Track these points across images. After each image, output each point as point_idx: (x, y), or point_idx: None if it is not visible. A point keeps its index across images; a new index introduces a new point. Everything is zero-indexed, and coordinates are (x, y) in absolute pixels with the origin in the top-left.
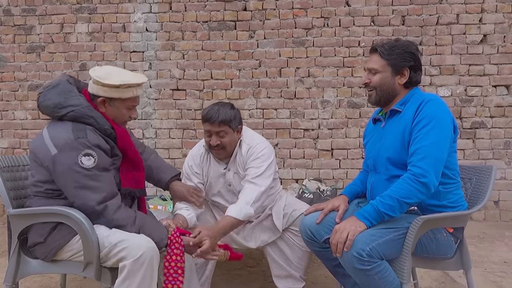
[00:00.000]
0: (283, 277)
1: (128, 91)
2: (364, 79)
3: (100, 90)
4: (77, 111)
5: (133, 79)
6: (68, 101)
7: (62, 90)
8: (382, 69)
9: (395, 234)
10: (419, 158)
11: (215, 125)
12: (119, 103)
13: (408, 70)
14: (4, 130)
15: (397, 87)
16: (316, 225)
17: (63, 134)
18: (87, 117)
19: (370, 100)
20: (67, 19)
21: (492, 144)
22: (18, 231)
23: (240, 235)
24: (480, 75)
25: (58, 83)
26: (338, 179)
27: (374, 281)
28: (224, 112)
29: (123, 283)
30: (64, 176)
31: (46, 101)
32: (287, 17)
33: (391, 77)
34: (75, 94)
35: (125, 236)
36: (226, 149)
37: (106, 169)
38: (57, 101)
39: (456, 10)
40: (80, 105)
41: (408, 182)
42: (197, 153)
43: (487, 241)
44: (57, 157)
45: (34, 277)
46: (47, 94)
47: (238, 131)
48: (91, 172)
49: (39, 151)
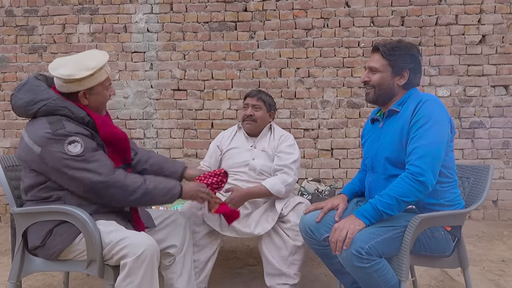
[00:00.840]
0: (275, 275)
1: (102, 73)
2: (364, 77)
3: (76, 86)
4: (48, 105)
5: (100, 60)
6: (38, 96)
7: (30, 87)
8: (383, 69)
9: (394, 232)
10: (416, 157)
11: (254, 99)
12: (98, 87)
13: (408, 72)
14: (6, 130)
15: (395, 87)
16: (316, 224)
17: (40, 131)
18: (60, 108)
19: (368, 98)
20: (69, 19)
21: (491, 144)
22: (22, 229)
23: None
24: (479, 75)
25: (26, 81)
26: (338, 179)
27: (373, 278)
28: (264, 94)
29: (124, 281)
30: (56, 170)
31: (17, 102)
32: (287, 18)
33: (391, 78)
34: (44, 88)
35: (126, 234)
36: (257, 122)
37: (95, 148)
38: (28, 99)
39: (455, 11)
40: (50, 98)
41: (406, 181)
42: (229, 130)
43: (485, 240)
44: (43, 154)
45: (37, 276)
46: (17, 95)
47: (270, 115)
48: (84, 156)
49: (24, 155)
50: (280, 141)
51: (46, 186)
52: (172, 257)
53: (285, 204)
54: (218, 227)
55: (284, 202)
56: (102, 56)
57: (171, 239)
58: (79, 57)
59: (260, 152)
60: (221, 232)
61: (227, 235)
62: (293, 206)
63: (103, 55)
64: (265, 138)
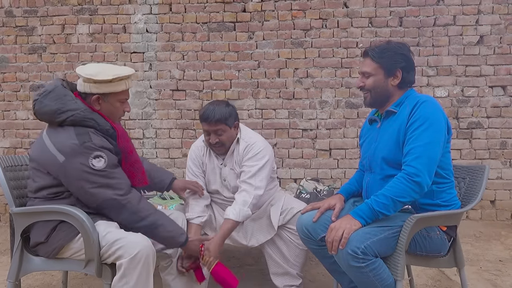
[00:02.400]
0: (280, 274)
1: (121, 84)
2: (359, 82)
3: (93, 87)
4: (77, 115)
5: (124, 72)
6: (66, 106)
7: (58, 95)
8: (375, 72)
9: (389, 232)
10: (413, 158)
11: (212, 124)
12: (113, 97)
13: (400, 71)
14: (6, 130)
15: (390, 88)
16: (313, 224)
17: (67, 141)
18: (88, 119)
19: (366, 102)
20: (68, 20)
21: (489, 144)
22: (21, 229)
23: (240, 233)
24: (477, 76)
25: (53, 88)
26: (336, 179)
27: (368, 278)
28: (219, 110)
29: (120, 281)
30: (78, 181)
31: (43, 108)
32: (285, 19)
33: (384, 79)
34: (71, 98)
35: (122, 235)
36: (225, 145)
37: (116, 165)
38: (55, 107)
39: (453, 11)
40: (79, 108)
41: (402, 181)
42: (198, 146)
43: (483, 240)
44: (66, 164)
45: (36, 275)
46: (43, 101)
47: (235, 127)
48: (105, 172)
49: (43, 160)
50: (245, 152)
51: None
52: (169, 258)
53: (281, 214)
54: (214, 233)
55: (280, 208)
56: (127, 70)
57: None
58: (109, 65)
59: (229, 171)
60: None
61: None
62: (292, 215)
63: (129, 70)
64: (232, 155)
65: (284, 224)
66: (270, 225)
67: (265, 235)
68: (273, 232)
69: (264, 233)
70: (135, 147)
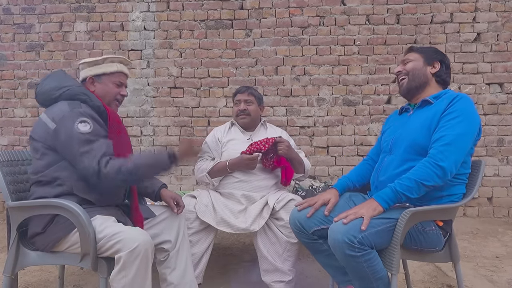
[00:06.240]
0: (271, 271)
1: (111, 65)
2: (398, 68)
3: (87, 71)
4: (71, 89)
5: (114, 55)
6: (62, 83)
7: (58, 76)
8: (415, 58)
9: (387, 225)
10: (442, 144)
11: (244, 94)
12: (106, 78)
13: (439, 63)
14: (3, 128)
15: (428, 75)
16: (306, 217)
17: (59, 110)
18: (81, 94)
19: (402, 88)
20: (66, 18)
21: (486, 141)
22: (17, 223)
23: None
24: (474, 73)
25: (54, 72)
26: (333, 176)
27: (362, 268)
28: (253, 88)
29: (118, 274)
30: (66, 145)
31: (43, 87)
32: (283, 16)
33: (423, 65)
34: (70, 78)
35: (120, 229)
36: (251, 116)
37: (102, 136)
38: (53, 85)
39: (450, 9)
40: (74, 84)
41: (427, 165)
42: (221, 127)
43: (480, 236)
44: (57, 129)
45: (33, 271)
46: (43, 82)
47: (261, 108)
48: (87, 136)
49: (38, 133)
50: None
51: (58, 166)
52: (166, 252)
53: (277, 199)
54: (214, 223)
55: (277, 197)
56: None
57: (166, 235)
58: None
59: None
60: (217, 227)
61: (222, 230)
62: (286, 202)
63: (122, 55)
64: (260, 132)
65: (277, 211)
66: (268, 208)
67: (264, 218)
68: (269, 211)
69: (264, 217)
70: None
